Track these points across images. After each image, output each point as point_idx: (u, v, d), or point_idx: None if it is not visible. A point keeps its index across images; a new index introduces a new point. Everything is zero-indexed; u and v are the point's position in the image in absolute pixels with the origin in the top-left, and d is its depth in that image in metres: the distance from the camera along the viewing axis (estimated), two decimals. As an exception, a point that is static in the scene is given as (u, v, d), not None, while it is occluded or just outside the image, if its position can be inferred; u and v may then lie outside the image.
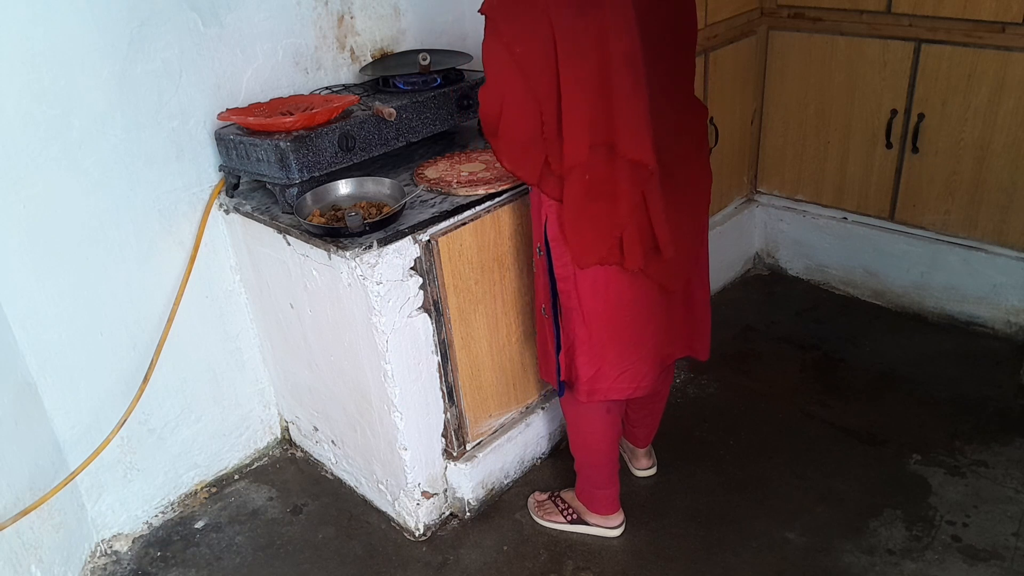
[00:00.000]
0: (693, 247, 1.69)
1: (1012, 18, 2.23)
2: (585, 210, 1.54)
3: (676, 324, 1.75)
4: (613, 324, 1.65)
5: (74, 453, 1.93)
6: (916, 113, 2.49)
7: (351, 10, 2.17)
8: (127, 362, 1.98)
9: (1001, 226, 2.46)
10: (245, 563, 1.99)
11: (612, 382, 1.70)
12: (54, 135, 1.72)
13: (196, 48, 1.89)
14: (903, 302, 2.77)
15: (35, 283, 1.78)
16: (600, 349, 1.67)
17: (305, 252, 1.81)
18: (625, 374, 1.69)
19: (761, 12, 2.73)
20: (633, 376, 1.70)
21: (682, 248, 1.62)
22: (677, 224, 1.59)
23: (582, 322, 1.65)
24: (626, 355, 1.68)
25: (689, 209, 1.65)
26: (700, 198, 1.69)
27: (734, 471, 2.14)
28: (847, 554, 1.86)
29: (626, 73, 1.42)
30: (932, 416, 2.27)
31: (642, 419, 2.04)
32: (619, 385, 1.71)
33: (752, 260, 3.13)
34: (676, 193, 1.58)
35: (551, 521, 2.01)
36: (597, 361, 1.68)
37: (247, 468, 2.31)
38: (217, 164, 2.00)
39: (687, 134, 1.61)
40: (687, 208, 1.64)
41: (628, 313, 1.65)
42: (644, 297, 1.64)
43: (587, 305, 1.63)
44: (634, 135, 1.46)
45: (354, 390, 1.94)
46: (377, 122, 1.90)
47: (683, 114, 1.61)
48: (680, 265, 1.65)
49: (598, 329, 1.65)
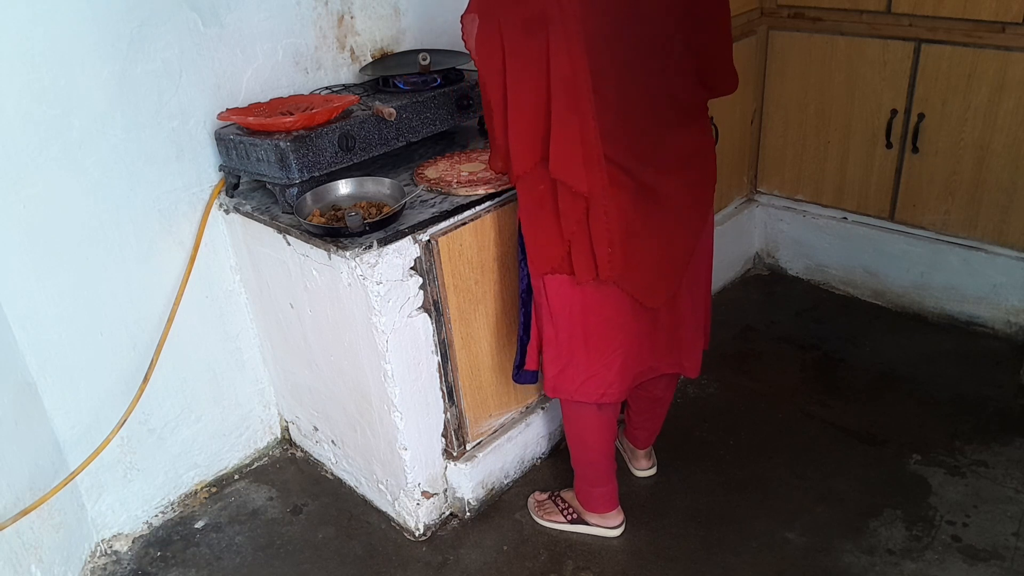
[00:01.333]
0: (676, 263, 1.65)
1: (1012, 18, 2.23)
2: (536, 220, 1.59)
3: (659, 339, 1.74)
4: (578, 329, 1.67)
5: (74, 453, 1.93)
6: (916, 113, 2.49)
7: (351, 10, 2.17)
8: (127, 362, 1.98)
9: (1001, 226, 2.46)
10: (245, 563, 1.99)
11: (578, 385, 1.72)
12: (54, 135, 1.72)
13: (196, 48, 1.89)
14: (903, 302, 2.77)
15: (35, 283, 1.78)
16: (565, 350, 1.70)
17: (305, 252, 1.81)
18: (591, 380, 1.71)
19: (761, 12, 2.73)
20: (599, 383, 1.71)
21: (658, 266, 1.62)
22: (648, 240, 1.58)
23: (549, 320, 1.69)
24: (592, 361, 1.69)
25: (673, 222, 1.61)
26: (692, 210, 1.65)
27: (734, 471, 2.14)
28: (847, 554, 1.86)
29: (563, 95, 1.43)
30: (932, 416, 2.27)
31: (643, 422, 2.04)
32: (585, 388, 1.73)
33: (752, 260, 3.13)
34: (653, 208, 1.57)
35: (551, 521, 2.01)
36: (561, 361, 1.71)
37: (247, 468, 2.31)
38: (217, 164, 2.00)
39: (676, 148, 1.58)
40: (670, 221, 1.61)
41: (595, 321, 1.65)
42: (612, 308, 1.64)
43: (554, 306, 1.67)
44: (563, 158, 1.47)
45: (354, 390, 1.94)
46: (377, 122, 1.90)
47: (675, 129, 1.57)
48: (659, 282, 1.64)
49: (563, 330, 1.68)
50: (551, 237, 1.57)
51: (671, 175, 1.57)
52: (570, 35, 1.39)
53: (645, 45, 1.47)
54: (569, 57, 1.40)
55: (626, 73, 1.47)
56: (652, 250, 1.60)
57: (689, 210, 1.64)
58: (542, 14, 1.39)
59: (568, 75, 1.41)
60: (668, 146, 1.56)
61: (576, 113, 1.44)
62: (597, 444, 1.87)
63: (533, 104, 1.46)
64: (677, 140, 1.58)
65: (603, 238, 1.52)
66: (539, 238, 1.60)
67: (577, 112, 1.43)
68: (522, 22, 1.41)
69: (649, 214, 1.57)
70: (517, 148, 1.52)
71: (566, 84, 1.42)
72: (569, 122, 1.44)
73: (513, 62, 1.44)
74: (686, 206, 1.63)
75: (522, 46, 1.43)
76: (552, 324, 1.69)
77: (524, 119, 1.48)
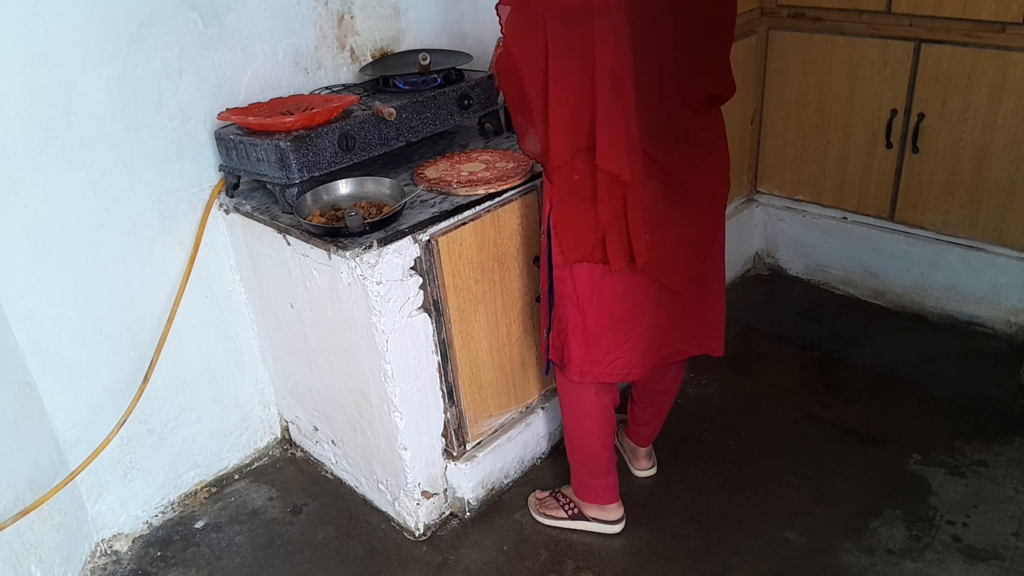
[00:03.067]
0: (700, 248, 1.70)
1: (1012, 18, 2.23)
2: (570, 209, 1.60)
3: (686, 322, 1.77)
4: (606, 314, 1.69)
5: (74, 453, 1.93)
6: (916, 113, 2.49)
7: (351, 10, 2.17)
8: (127, 362, 1.98)
9: (1001, 226, 2.46)
10: (245, 563, 1.99)
11: (604, 367, 1.75)
12: (54, 135, 1.72)
13: (196, 48, 1.89)
14: (903, 302, 2.77)
15: (35, 283, 1.78)
16: (593, 334, 1.71)
17: (305, 252, 1.81)
18: (617, 361, 1.74)
19: (761, 12, 2.73)
20: (624, 364, 1.75)
21: (684, 252, 1.66)
22: (674, 228, 1.62)
23: (575, 307, 1.70)
24: (618, 344, 1.72)
25: (696, 211, 1.66)
26: (713, 199, 1.70)
27: (734, 471, 2.14)
28: (847, 554, 1.86)
29: (608, 87, 1.45)
30: (932, 416, 2.27)
31: (648, 418, 2.04)
32: (611, 370, 1.75)
33: (752, 260, 3.13)
34: (681, 197, 1.61)
35: (552, 517, 2.01)
36: (589, 345, 1.73)
37: (247, 468, 2.31)
38: (217, 164, 2.00)
39: (699, 139, 1.62)
40: (694, 210, 1.65)
41: (621, 305, 1.68)
42: (640, 293, 1.67)
43: (581, 293, 1.68)
44: (610, 148, 1.49)
45: (354, 390, 1.94)
46: (377, 122, 1.90)
47: (698, 118, 1.61)
48: (684, 266, 1.68)
49: (591, 316, 1.70)
50: (585, 226, 1.59)
51: (696, 164, 1.62)
52: (616, 27, 1.40)
53: (682, 36, 1.50)
54: (615, 49, 1.42)
55: (662, 64, 1.49)
56: (678, 236, 1.63)
57: (710, 197, 1.69)
58: (586, 5, 1.40)
59: (615, 67, 1.43)
60: (694, 135, 1.60)
61: (620, 104, 1.45)
62: (596, 433, 1.87)
63: (575, 96, 1.47)
64: (701, 128, 1.62)
65: (640, 226, 1.56)
66: (573, 227, 1.61)
67: (621, 103, 1.45)
68: (564, 13, 1.42)
69: (676, 202, 1.60)
70: (556, 140, 1.53)
71: (612, 76, 1.44)
72: (614, 113, 1.46)
73: (555, 53, 1.45)
74: (707, 194, 1.67)
75: (564, 38, 1.43)
76: (579, 310, 1.70)
77: (565, 111, 1.49)
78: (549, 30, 1.44)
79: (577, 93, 1.47)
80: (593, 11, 1.40)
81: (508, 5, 1.49)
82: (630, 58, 1.43)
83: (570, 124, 1.50)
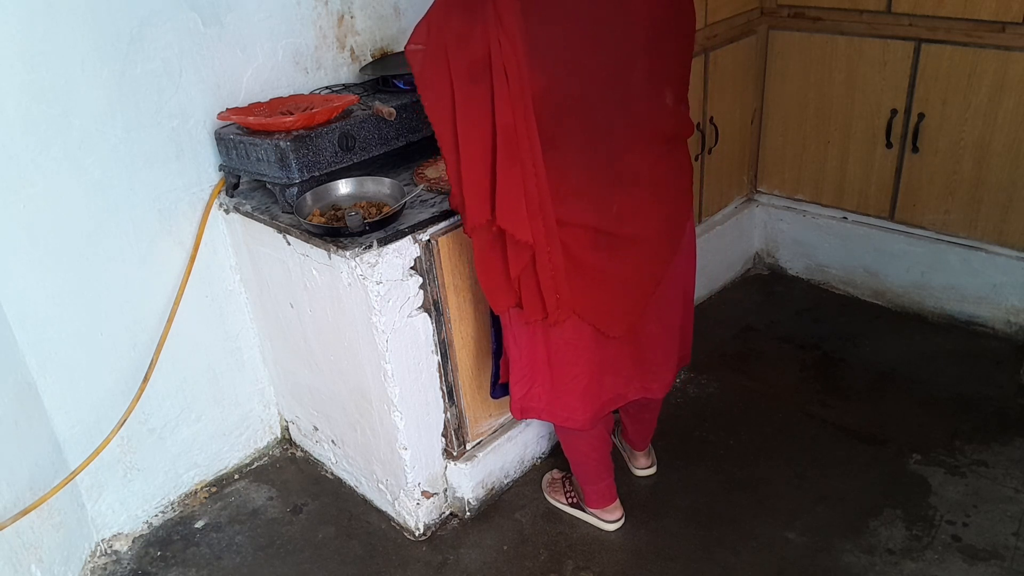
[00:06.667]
0: (640, 296, 1.63)
1: (1012, 18, 2.23)
2: (488, 263, 1.56)
3: (624, 366, 1.73)
4: (541, 352, 1.67)
5: (74, 453, 1.93)
6: (916, 113, 2.49)
7: (351, 10, 2.17)
8: (127, 362, 1.98)
9: (1001, 226, 2.45)
10: (245, 563, 1.99)
11: (544, 406, 1.73)
12: (54, 135, 1.72)
13: (196, 48, 1.89)
14: (903, 302, 2.77)
15: (35, 283, 1.78)
16: (529, 372, 1.70)
17: (305, 252, 1.81)
18: (556, 402, 1.71)
19: (761, 12, 2.73)
20: (562, 408, 1.72)
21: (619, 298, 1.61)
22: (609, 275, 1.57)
23: (514, 343, 1.69)
24: (556, 383, 1.69)
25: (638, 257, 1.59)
26: (660, 246, 1.62)
27: (734, 471, 2.14)
28: (847, 554, 1.86)
29: (504, 146, 1.39)
30: (932, 416, 2.27)
31: (636, 428, 2.06)
32: (551, 410, 1.73)
33: (752, 260, 3.13)
34: (619, 249, 1.55)
35: (555, 499, 2.06)
36: (527, 383, 1.71)
37: (247, 468, 2.31)
38: (217, 164, 2.00)
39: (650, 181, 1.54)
40: (635, 255, 1.59)
41: (558, 343, 1.65)
42: (573, 334, 1.63)
43: (517, 332, 1.67)
44: (509, 209, 1.44)
45: (354, 390, 1.94)
46: (377, 122, 1.90)
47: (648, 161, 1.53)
48: (620, 313, 1.63)
49: (526, 353, 1.68)
50: (502, 281, 1.56)
51: (638, 210, 1.54)
52: (512, 81, 1.33)
53: (609, 75, 1.42)
54: (511, 106, 1.35)
55: (589, 111, 1.43)
56: (612, 285, 1.58)
57: (657, 242, 1.61)
58: (486, 57, 1.33)
59: (510, 125, 1.37)
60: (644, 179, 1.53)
61: (518, 164, 1.40)
62: (585, 448, 1.88)
63: (481, 154, 1.41)
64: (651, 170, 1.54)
65: (549, 285, 1.51)
66: (491, 282, 1.58)
67: (519, 163, 1.39)
68: (468, 65, 1.35)
69: (610, 256, 1.55)
70: (471, 200, 1.47)
71: (508, 134, 1.37)
72: (511, 173, 1.40)
73: (463, 108, 1.38)
74: (653, 240, 1.60)
75: (469, 91, 1.37)
76: (516, 347, 1.69)
77: (476, 170, 1.43)
78: (455, 83, 1.37)
79: (482, 152, 1.40)
80: (495, 65, 1.32)
81: (418, 49, 1.41)
82: (531, 115, 1.36)
83: (482, 184, 1.43)
